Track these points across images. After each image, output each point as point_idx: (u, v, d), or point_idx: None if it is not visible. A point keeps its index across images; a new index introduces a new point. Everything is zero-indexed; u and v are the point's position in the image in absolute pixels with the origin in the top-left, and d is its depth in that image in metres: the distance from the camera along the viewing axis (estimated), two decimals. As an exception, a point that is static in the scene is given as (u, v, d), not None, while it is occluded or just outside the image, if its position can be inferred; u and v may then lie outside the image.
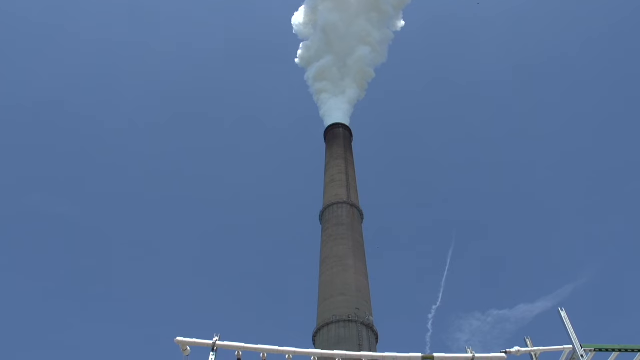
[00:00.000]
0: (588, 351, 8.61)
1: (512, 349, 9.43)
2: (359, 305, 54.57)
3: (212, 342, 9.40)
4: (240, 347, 9.36)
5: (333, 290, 57.12)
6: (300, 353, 9.50)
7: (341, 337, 49.89)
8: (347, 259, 60.81)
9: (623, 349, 9.11)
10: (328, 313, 54.23)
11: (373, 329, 53.29)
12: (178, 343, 9.44)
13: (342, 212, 67.69)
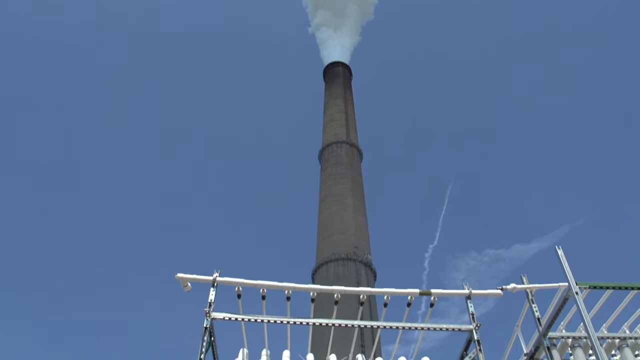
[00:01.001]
0: (583, 289, 8.74)
1: (508, 285, 9.58)
2: (358, 244, 55.15)
3: (212, 278, 9.51)
4: (240, 283, 9.47)
5: (332, 229, 57.62)
6: (299, 289, 9.63)
7: (340, 275, 50.60)
8: (346, 198, 61.11)
9: (617, 287, 9.24)
10: (327, 251, 54.84)
11: (371, 268, 54.02)
12: (179, 279, 9.55)
13: (341, 152, 67.60)
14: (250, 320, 9.35)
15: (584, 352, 9.58)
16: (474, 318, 9.50)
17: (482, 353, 9.05)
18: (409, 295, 9.71)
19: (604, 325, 10.28)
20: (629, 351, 9.72)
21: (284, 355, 9.40)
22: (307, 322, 9.44)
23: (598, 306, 9.79)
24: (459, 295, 9.84)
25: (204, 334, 8.90)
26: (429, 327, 9.66)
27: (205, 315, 9.09)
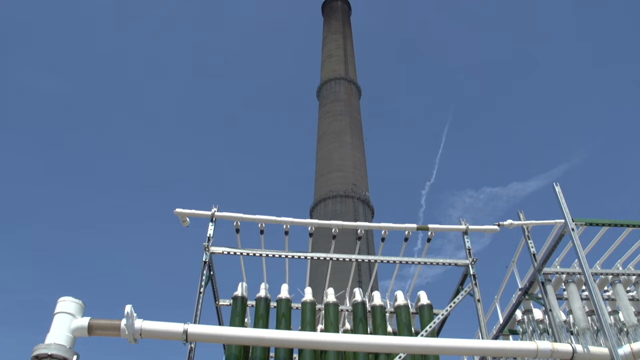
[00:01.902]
0: (579, 225, 8.80)
1: (505, 222, 9.65)
2: (356, 181, 55.37)
3: (211, 212, 9.54)
4: (238, 218, 9.51)
5: (330, 167, 57.73)
6: (297, 223, 9.68)
7: (338, 212, 50.96)
8: (344, 135, 60.98)
9: (612, 224, 9.30)
10: (325, 188, 55.08)
11: (369, 205, 54.39)
12: (177, 214, 9.59)
13: (340, 88, 67.02)
14: (249, 254, 9.45)
15: (578, 288, 9.73)
16: (470, 253, 9.61)
17: (478, 287, 9.19)
18: (406, 230, 9.78)
19: (598, 262, 10.41)
20: (621, 287, 9.87)
21: (282, 289, 9.54)
22: (305, 256, 9.54)
23: (593, 243, 9.89)
24: (456, 230, 9.91)
25: (203, 268, 9.00)
26: (425, 261, 9.77)
27: (204, 250, 9.17)
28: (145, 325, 6.93)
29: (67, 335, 6.62)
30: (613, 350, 7.32)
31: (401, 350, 7.85)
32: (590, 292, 7.73)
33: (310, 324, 9.06)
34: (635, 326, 9.41)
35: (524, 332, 10.04)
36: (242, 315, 9.11)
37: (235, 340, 7.58)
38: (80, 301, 6.98)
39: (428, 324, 9.05)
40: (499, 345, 7.98)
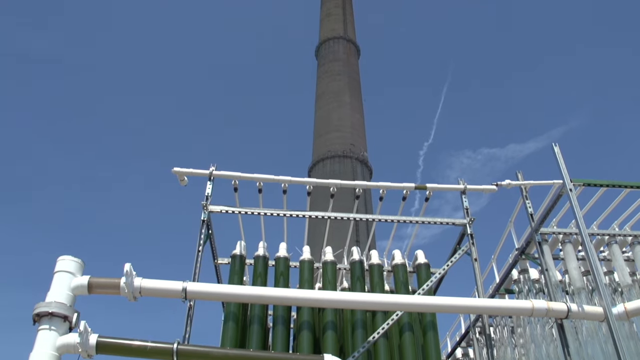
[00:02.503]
0: (577, 186, 8.79)
1: (503, 182, 9.64)
2: (354, 141, 55.27)
3: (209, 171, 9.52)
4: (236, 177, 9.49)
5: (328, 127, 57.55)
6: (296, 182, 9.67)
7: (336, 172, 50.98)
8: (342, 95, 60.63)
9: (611, 185, 9.30)
10: (323, 149, 55.01)
11: (367, 165, 54.39)
12: (175, 173, 9.57)
13: (339, 48, 66.36)
14: (247, 212, 9.47)
15: (574, 248, 9.79)
16: (468, 213, 9.63)
17: (475, 247, 9.24)
18: (404, 189, 9.78)
19: (595, 223, 10.45)
20: (617, 247, 9.94)
21: (280, 248, 9.58)
22: (303, 215, 9.57)
23: (591, 203, 9.91)
24: (454, 190, 9.92)
25: (202, 227, 9.02)
26: (423, 220, 9.80)
27: (202, 209, 9.18)
28: (145, 284, 6.96)
29: (67, 294, 6.65)
30: (607, 310, 7.39)
31: (398, 307, 7.93)
32: (587, 252, 7.78)
33: (308, 282, 9.13)
34: (629, 286, 9.51)
35: (520, 292, 10.14)
36: (241, 274, 9.18)
37: (234, 297, 7.64)
38: (79, 260, 6.99)
39: (425, 282, 9.13)
40: (495, 304, 8.06)
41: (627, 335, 8.65)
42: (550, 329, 9.45)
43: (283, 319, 8.64)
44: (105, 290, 6.90)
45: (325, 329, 8.48)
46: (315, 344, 8.55)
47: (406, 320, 8.72)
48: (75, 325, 6.59)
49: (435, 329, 8.88)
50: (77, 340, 6.30)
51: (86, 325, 6.41)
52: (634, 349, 8.59)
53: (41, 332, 6.37)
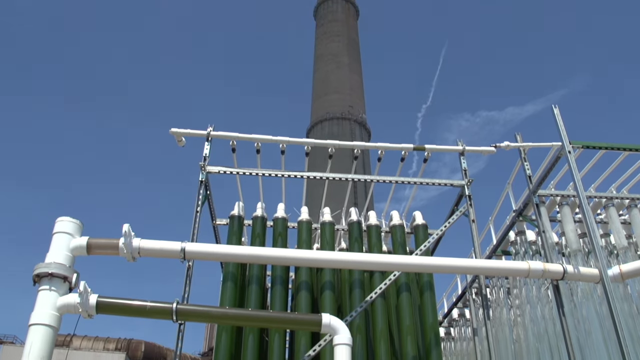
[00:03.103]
0: (576, 148, 8.77)
1: (502, 143, 9.61)
2: (353, 103, 55.05)
3: (207, 132, 9.47)
4: (234, 137, 9.45)
5: (327, 88, 57.24)
6: (294, 142, 9.64)
7: (334, 134, 50.93)
8: (341, 56, 60.14)
9: (610, 147, 9.28)
10: (322, 110, 54.82)
11: (366, 127, 54.27)
12: (173, 134, 9.51)
13: (337, 8, 65.55)
14: (245, 173, 9.46)
15: (571, 210, 9.82)
16: (466, 174, 9.63)
17: (473, 208, 9.27)
18: (402, 150, 9.76)
19: (593, 186, 10.48)
20: (614, 210, 9.98)
21: (278, 208, 9.60)
22: (301, 175, 9.56)
23: (589, 166, 9.91)
24: (452, 151, 9.90)
25: (200, 188, 9.02)
26: (421, 181, 9.81)
27: (200, 169, 9.16)
28: (143, 244, 6.98)
29: (67, 255, 6.67)
30: (603, 271, 7.44)
31: (396, 268, 7.99)
32: (584, 214, 7.80)
33: (306, 243, 9.18)
34: (625, 249, 9.58)
35: (517, 253, 10.21)
36: (239, 235, 9.22)
37: (232, 257, 7.67)
38: (78, 221, 6.99)
39: (423, 243, 9.17)
40: (492, 265, 8.11)
41: (621, 297, 8.74)
42: (546, 290, 9.54)
43: (281, 279, 8.71)
44: (104, 250, 6.91)
45: (323, 289, 8.56)
46: (313, 304, 8.64)
47: (403, 281, 8.79)
48: (75, 286, 6.63)
49: (432, 290, 8.97)
50: (77, 301, 6.34)
51: (86, 285, 6.45)
52: (627, 311, 8.69)
53: (41, 292, 6.41)
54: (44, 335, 6.16)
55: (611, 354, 8.11)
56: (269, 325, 7.90)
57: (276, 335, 8.06)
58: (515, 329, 10.41)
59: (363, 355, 8.00)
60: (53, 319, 6.27)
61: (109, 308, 6.61)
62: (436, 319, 8.80)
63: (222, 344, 7.94)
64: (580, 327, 8.68)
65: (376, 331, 8.33)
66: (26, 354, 6.03)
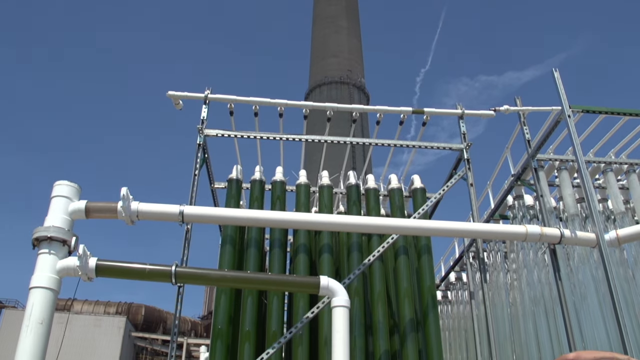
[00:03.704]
0: (576, 112, 8.73)
1: (501, 107, 9.56)
2: (351, 67, 54.66)
3: (204, 95, 9.40)
4: (232, 100, 9.38)
5: (325, 52, 56.74)
6: (292, 105, 9.58)
7: (333, 98, 50.64)
8: (339, 19, 59.47)
9: (610, 112, 9.24)
10: (320, 75, 54.44)
11: (364, 91, 53.97)
12: (170, 97, 9.44)
13: (336, -30, 64.58)
14: (243, 136, 9.41)
15: (570, 175, 9.82)
16: (465, 138, 9.59)
17: (471, 172, 9.25)
18: (401, 113, 9.70)
19: (592, 150, 10.46)
20: (612, 175, 9.98)
21: (277, 172, 9.58)
22: (299, 138, 9.52)
23: (589, 130, 9.88)
24: (451, 114, 9.84)
25: (198, 151, 8.98)
26: (420, 145, 9.77)
27: (198, 132, 9.12)
28: (142, 207, 6.98)
29: (65, 218, 6.67)
30: (600, 236, 7.47)
31: (394, 231, 8.01)
32: (582, 179, 7.79)
33: (304, 206, 9.19)
34: (622, 214, 9.61)
35: (514, 218, 10.24)
36: (238, 198, 9.22)
37: (231, 220, 7.69)
38: (76, 185, 6.98)
39: (421, 206, 9.19)
40: (490, 228, 8.13)
41: (617, 261, 8.80)
42: (543, 254, 9.60)
43: (280, 242, 8.74)
44: (102, 214, 6.92)
45: (321, 251, 8.60)
46: (311, 267, 8.68)
47: (401, 244, 8.83)
48: (74, 249, 6.65)
49: (430, 253, 9.02)
50: (76, 264, 6.37)
51: (85, 248, 6.47)
52: (622, 275, 8.75)
53: (41, 256, 6.43)
54: (45, 298, 6.21)
55: (606, 318, 8.20)
56: (267, 288, 7.95)
57: (275, 298, 8.12)
58: (512, 292, 10.50)
59: (361, 318, 8.08)
60: (53, 282, 6.31)
61: (109, 271, 6.64)
62: (433, 282, 8.87)
63: (221, 306, 8.01)
64: (576, 291, 8.76)
65: (374, 294, 8.40)
66: (27, 316, 6.08)
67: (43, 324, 6.07)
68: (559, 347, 8.55)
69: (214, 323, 7.93)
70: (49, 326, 6.16)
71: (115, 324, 62.96)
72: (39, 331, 6.02)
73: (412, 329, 8.13)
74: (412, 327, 8.15)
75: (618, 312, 6.71)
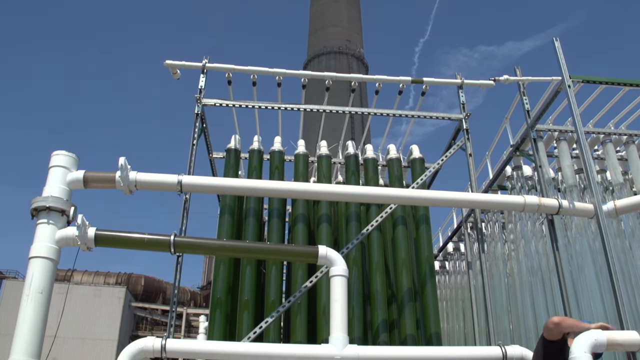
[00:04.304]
0: (576, 82, 8.67)
1: (501, 77, 9.49)
2: (350, 37, 54.24)
3: (202, 64, 9.32)
4: (230, 69, 9.31)
5: (324, 21, 56.24)
6: (290, 74, 9.51)
7: (331, 68, 50.21)
8: (339, -12, 58.82)
9: (610, 82, 9.19)
10: (319, 45, 54.04)
11: (363, 62, 53.62)
12: (168, 66, 9.36)
13: (336, -62, 63.65)
14: (241, 106, 9.35)
15: (569, 146, 9.82)
16: (464, 108, 9.53)
17: (470, 142, 9.23)
18: (400, 83, 9.64)
19: (591, 121, 10.43)
20: (611, 146, 9.97)
21: (275, 141, 9.54)
22: (298, 107, 9.46)
23: (589, 101, 9.84)
24: (450, 84, 9.78)
25: (196, 120, 8.93)
26: (419, 115, 9.73)
27: (196, 102, 9.06)
28: (140, 177, 6.97)
29: (63, 188, 6.66)
30: (598, 206, 7.48)
31: (392, 200, 8.01)
32: (581, 149, 7.78)
33: (303, 176, 9.18)
34: (621, 185, 9.62)
35: (513, 188, 10.25)
36: (236, 168, 9.20)
37: (229, 190, 7.68)
38: (74, 154, 6.95)
39: (419, 177, 9.18)
40: (488, 198, 8.15)
41: (614, 233, 8.83)
42: (541, 225, 9.63)
43: (278, 212, 8.75)
44: (101, 184, 6.90)
45: (319, 221, 8.62)
46: (310, 237, 8.71)
47: (400, 214, 8.84)
48: (73, 219, 6.65)
49: (428, 223, 9.04)
50: (75, 233, 6.38)
51: (84, 218, 6.47)
52: (620, 247, 8.79)
53: (40, 226, 6.44)
54: (44, 268, 6.23)
55: (602, 289, 8.26)
56: (266, 257, 7.99)
57: (273, 268, 8.16)
58: (509, 263, 10.56)
59: (359, 287, 8.12)
60: (52, 252, 6.32)
61: (108, 240, 6.66)
62: (431, 252, 8.90)
63: (220, 276, 8.04)
64: (573, 262, 8.81)
65: (372, 263, 8.43)
66: (27, 286, 6.12)
67: (43, 293, 6.11)
68: (556, 317, 8.61)
69: (213, 292, 7.98)
70: (49, 295, 6.20)
71: (115, 294, 63.48)
72: (39, 300, 6.06)
73: (410, 299, 8.18)
74: (410, 296, 8.20)
75: (614, 283, 6.75)
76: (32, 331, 5.92)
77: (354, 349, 6.34)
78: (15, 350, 5.82)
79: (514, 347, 6.88)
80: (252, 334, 7.38)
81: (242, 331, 7.63)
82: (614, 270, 6.82)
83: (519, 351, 6.83)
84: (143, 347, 6.26)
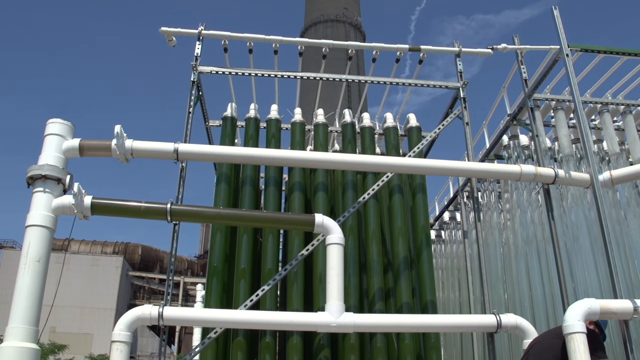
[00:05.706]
0: (574, 51, 8.62)
1: (499, 45, 9.41)
2: (347, 5, 53.68)
3: (198, 31, 9.22)
4: (226, 36, 9.22)
5: (321, -10, 55.59)
6: (287, 42, 9.42)
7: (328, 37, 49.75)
8: (336, -44, 58.02)
9: (609, 51, 9.13)
10: (315, 13, 53.50)
11: (361, 30, 53.22)
12: (163, 33, 9.26)
13: None
14: (238, 73, 9.28)
15: (566, 115, 9.81)
16: (461, 76, 9.47)
17: (467, 111, 9.19)
18: (397, 51, 9.56)
19: (589, 91, 10.41)
20: (609, 116, 9.97)
21: (271, 109, 9.49)
22: (294, 75, 9.39)
23: (587, 70, 9.80)
24: (448, 52, 9.70)
25: (192, 88, 8.86)
26: (416, 83, 9.67)
27: (192, 69, 8.98)
28: (136, 145, 6.93)
29: (59, 157, 6.62)
30: (594, 176, 7.49)
31: (388, 169, 8.00)
32: (578, 119, 7.76)
33: (299, 144, 9.15)
34: (617, 155, 9.63)
35: (509, 157, 10.26)
36: (232, 136, 9.17)
37: (225, 158, 7.66)
38: (69, 123, 6.90)
39: (416, 145, 9.17)
40: (484, 167, 8.14)
41: (610, 203, 8.87)
42: (537, 194, 9.67)
43: (275, 181, 8.74)
44: (96, 152, 6.86)
45: (316, 190, 8.62)
46: (306, 205, 8.72)
47: (396, 183, 8.84)
48: (69, 188, 6.62)
49: (425, 192, 9.04)
50: (72, 202, 6.36)
51: (80, 186, 6.45)
52: (615, 217, 8.84)
53: (36, 194, 6.41)
54: (41, 236, 6.23)
55: (597, 259, 8.32)
56: (262, 225, 8.00)
57: (270, 236, 8.18)
58: (505, 232, 10.62)
59: (355, 256, 8.16)
60: (49, 220, 6.31)
61: (104, 209, 6.65)
62: (427, 221, 8.93)
63: (217, 244, 8.06)
64: (569, 232, 8.86)
65: (368, 232, 8.46)
66: (24, 254, 6.12)
67: (40, 261, 6.11)
68: (550, 287, 8.71)
69: (209, 261, 8.01)
70: (46, 264, 6.21)
71: (113, 263, 63.84)
72: (36, 269, 6.07)
73: (405, 267, 8.23)
74: (406, 265, 8.25)
75: (609, 253, 6.78)
76: (30, 299, 5.94)
77: (350, 317, 6.40)
78: (13, 318, 5.85)
79: (508, 316, 6.95)
80: (249, 301, 7.43)
81: (239, 299, 7.68)
82: (608, 240, 6.85)
83: (513, 320, 6.90)
84: (140, 314, 6.30)
